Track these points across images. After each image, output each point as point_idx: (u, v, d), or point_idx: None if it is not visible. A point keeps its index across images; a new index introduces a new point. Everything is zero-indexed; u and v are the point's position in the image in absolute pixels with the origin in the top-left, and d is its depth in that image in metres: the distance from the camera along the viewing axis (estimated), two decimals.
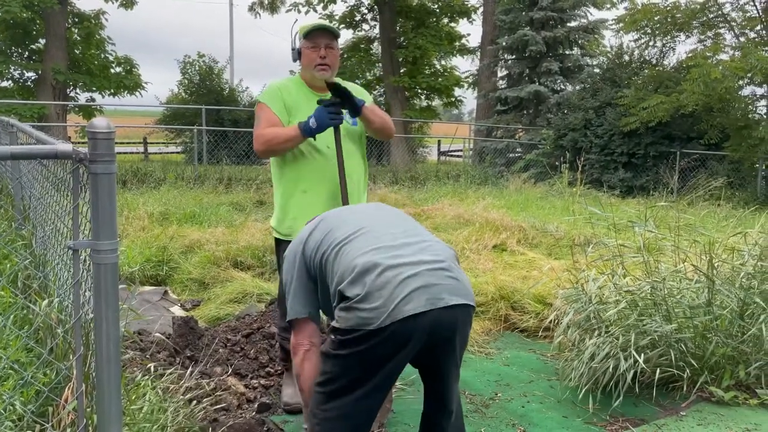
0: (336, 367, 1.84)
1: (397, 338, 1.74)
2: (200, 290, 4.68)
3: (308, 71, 2.75)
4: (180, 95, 18.26)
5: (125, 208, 6.85)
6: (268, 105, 2.75)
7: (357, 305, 1.74)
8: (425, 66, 18.00)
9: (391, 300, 1.72)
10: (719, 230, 4.68)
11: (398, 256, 1.82)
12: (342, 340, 1.78)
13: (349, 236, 1.92)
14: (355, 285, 1.77)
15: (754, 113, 12.35)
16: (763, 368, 3.18)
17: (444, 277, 1.82)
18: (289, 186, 2.76)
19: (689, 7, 12.30)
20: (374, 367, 1.80)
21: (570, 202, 8.33)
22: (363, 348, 1.76)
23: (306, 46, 2.72)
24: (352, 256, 1.84)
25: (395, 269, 1.77)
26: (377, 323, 1.71)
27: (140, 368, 2.73)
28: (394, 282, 1.75)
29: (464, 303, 1.82)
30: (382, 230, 1.94)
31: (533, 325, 4.08)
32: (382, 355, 1.77)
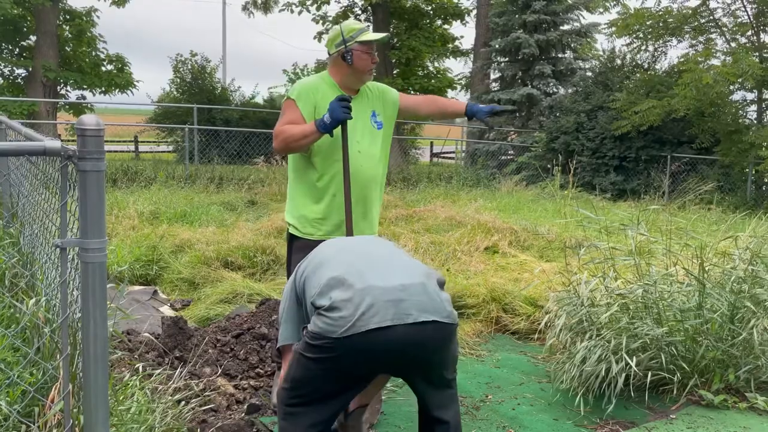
0: (302, 369, 1.89)
1: (359, 351, 1.77)
2: (190, 290, 4.64)
3: (356, 74, 2.75)
4: (172, 94, 18.17)
5: (115, 207, 6.80)
6: (298, 104, 2.71)
7: (324, 313, 1.79)
8: (418, 67, 18.02)
9: (355, 312, 1.75)
10: (710, 234, 4.70)
11: (369, 273, 1.85)
12: (310, 344, 1.83)
13: (327, 257, 2.00)
14: (323, 296, 1.82)
15: (745, 118, 12.45)
16: (752, 372, 3.19)
17: (415, 293, 1.82)
18: (319, 188, 2.73)
19: (681, 12, 12.38)
20: (334, 377, 1.85)
21: (562, 204, 8.35)
22: (326, 356, 1.80)
23: (362, 50, 2.72)
24: (324, 272, 1.91)
25: (363, 283, 1.81)
26: (340, 332, 1.74)
27: (128, 368, 2.71)
28: (361, 295, 1.78)
29: (434, 320, 1.80)
30: (360, 250, 2.02)
31: (524, 328, 4.08)
32: (344, 366, 1.81)
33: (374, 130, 2.80)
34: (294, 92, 2.76)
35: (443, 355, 1.91)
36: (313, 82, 2.82)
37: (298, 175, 2.79)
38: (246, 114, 16.95)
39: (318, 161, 2.71)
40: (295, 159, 2.80)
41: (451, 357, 1.97)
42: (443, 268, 4.87)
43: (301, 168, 2.77)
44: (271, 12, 19.72)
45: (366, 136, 2.75)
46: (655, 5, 12.64)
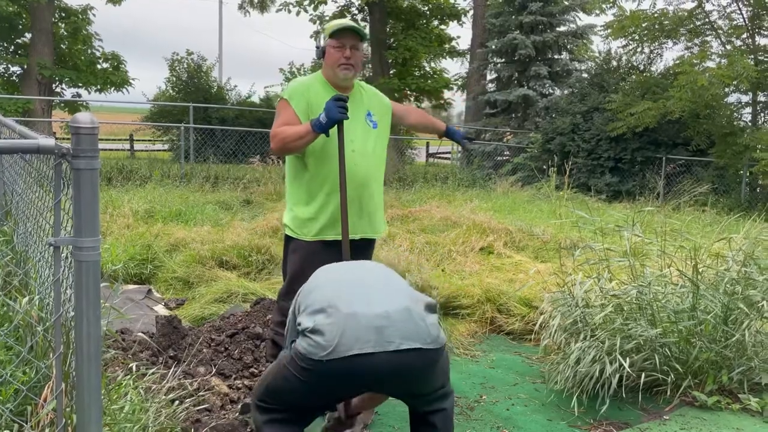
0: (283, 380, 1.91)
1: (339, 375, 1.79)
2: (185, 289, 4.63)
3: (331, 69, 2.74)
4: (167, 93, 18.12)
5: (110, 206, 6.78)
6: (291, 103, 2.72)
7: (308, 335, 1.81)
8: (415, 68, 18.01)
9: (336, 337, 1.76)
10: (704, 236, 4.71)
11: (355, 299, 1.86)
12: (294, 360, 1.85)
13: (319, 283, 2.01)
14: (309, 318, 1.84)
15: (739, 120, 12.51)
16: (745, 373, 3.20)
17: (398, 320, 1.81)
18: (313, 188, 2.73)
19: (677, 14, 12.42)
20: (312, 395, 1.88)
21: (557, 205, 8.37)
22: (307, 376, 1.82)
23: (332, 45, 2.71)
24: (313, 297, 1.92)
25: (348, 309, 1.81)
26: (321, 355, 1.76)
27: (122, 368, 2.70)
28: (344, 320, 1.79)
29: (417, 347, 1.80)
30: (351, 276, 2.05)
31: (519, 328, 4.09)
32: (322, 387, 1.84)
33: (369, 129, 2.80)
34: (286, 92, 2.78)
35: (428, 378, 1.91)
36: (305, 80, 2.84)
37: (293, 175, 2.80)
38: (242, 113, 16.91)
39: (311, 161, 2.71)
40: (290, 160, 2.80)
41: (439, 376, 1.96)
42: (438, 268, 4.87)
43: (296, 169, 2.78)
44: (267, 11, 19.69)
45: (361, 135, 2.75)
46: (651, 7, 12.69)
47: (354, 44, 2.72)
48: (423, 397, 1.97)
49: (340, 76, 2.72)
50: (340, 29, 2.70)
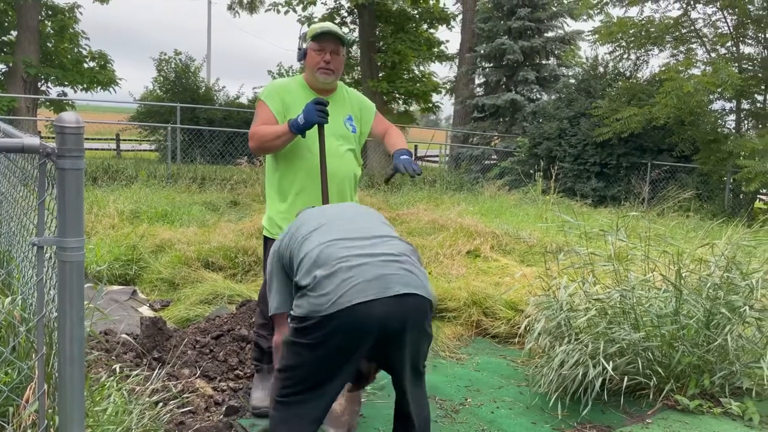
0: (293, 355, 1.90)
1: (347, 326, 1.78)
2: (170, 290, 4.60)
3: (311, 73, 2.76)
4: (155, 92, 18.01)
5: (95, 206, 6.72)
6: (266, 103, 2.75)
7: (309, 293, 1.82)
8: (404, 71, 18.04)
9: (340, 288, 1.77)
10: (688, 241, 4.77)
11: (350, 248, 1.87)
12: (298, 328, 1.85)
13: (310, 232, 2.00)
14: (307, 275, 1.85)
15: (723, 127, 12.67)
16: (727, 378, 3.24)
17: (396, 268, 1.85)
18: (283, 187, 2.75)
19: (663, 21, 12.57)
20: (327, 358, 1.84)
21: (543, 209, 8.42)
22: (316, 337, 1.81)
23: (312, 48, 2.74)
24: (307, 249, 1.92)
25: (345, 260, 1.83)
26: (326, 310, 1.77)
27: (105, 369, 2.68)
28: (343, 270, 1.80)
29: (415, 293, 1.83)
30: (340, 225, 2.01)
31: (504, 331, 4.11)
32: (335, 345, 1.81)
33: (347, 132, 2.81)
34: (263, 93, 2.81)
35: (421, 331, 1.93)
36: (282, 82, 2.87)
37: (268, 176, 2.84)
38: (230, 114, 16.85)
39: (280, 161, 2.75)
40: (267, 160, 2.85)
41: (427, 340, 2.00)
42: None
43: (269, 169, 2.82)
44: (256, 12, 19.67)
45: (336, 137, 2.75)
46: (638, 14, 12.83)
47: (334, 49, 2.73)
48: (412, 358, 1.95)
49: (320, 79, 2.74)
50: (321, 33, 2.71)
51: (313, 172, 2.69)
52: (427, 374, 3.47)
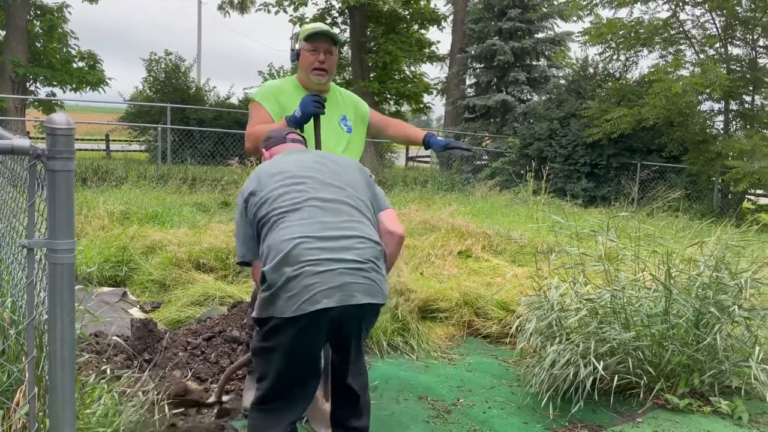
0: (263, 362, 1.99)
1: (309, 329, 1.87)
2: (161, 292, 4.58)
3: (305, 73, 2.77)
4: (145, 93, 17.93)
5: (84, 207, 6.67)
6: (262, 104, 2.75)
7: (276, 292, 1.84)
8: (395, 71, 18.06)
9: (306, 291, 1.82)
10: (677, 241, 4.80)
11: (322, 249, 1.88)
12: (264, 332, 1.94)
13: (284, 211, 1.96)
14: (276, 271, 1.85)
15: (712, 128, 12.77)
16: (716, 376, 3.27)
17: (361, 277, 1.91)
18: None
19: (652, 23, 12.65)
20: (290, 357, 1.93)
21: (534, 210, 8.45)
22: (281, 338, 1.88)
23: (306, 48, 2.74)
24: (280, 239, 1.90)
25: (315, 264, 1.85)
26: (292, 312, 1.82)
27: (96, 371, 2.66)
28: (310, 275, 1.84)
29: (374, 302, 1.95)
30: (318, 213, 1.97)
31: (496, 332, 4.12)
32: (294, 345, 1.89)
33: (343, 132, 2.81)
34: (258, 95, 2.81)
35: (370, 328, 2.16)
36: (276, 83, 2.88)
37: None
38: (220, 114, 16.79)
39: None
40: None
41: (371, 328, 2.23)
42: (417, 271, 4.89)
43: None
44: (247, 12, 19.61)
45: (332, 137, 2.76)
46: (628, 16, 12.91)
47: (328, 49, 2.74)
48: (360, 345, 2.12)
49: (314, 80, 2.74)
50: (314, 33, 2.72)
51: None
52: (420, 375, 3.49)
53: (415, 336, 3.88)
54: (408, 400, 3.14)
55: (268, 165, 2.16)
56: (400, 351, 3.79)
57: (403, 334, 3.87)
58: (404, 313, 3.94)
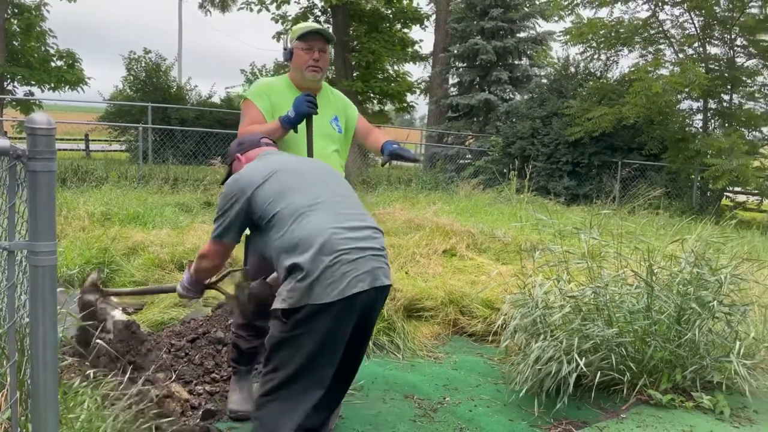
0: (288, 351, 1.99)
1: (345, 312, 1.97)
2: None
3: (299, 72, 2.77)
4: (125, 92, 17.73)
5: (64, 208, 6.58)
6: (254, 102, 2.74)
7: (315, 281, 1.92)
8: (378, 71, 18.04)
9: (344, 278, 1.93)
10: (658, 238, 4.86)
11: (351, 239, 2.01)
12: (296, 321, 1.95)
13: (309, 206, 2.06)
14: (314, 262, 1.93)
15: (691, 127, 12.94)
16: (698, 372, 3.31)
17: (382, 262, 2.08)
18: None
19: (632, 22, 12.79)
20: (325, 343, 1.98)
21: (517, 208, 8.51)
22: (315, 324, 1.94)
23: (300, 47, 2.74)
24: (311, 232, 1.98)
25: (347, 252, 1.97)
26: (332, 298, 1.92)
27: (78, 375, 2.63)
28: (346, 263, 1.95)
29: (389, 284, 2.11)
30: (337, 208, 2.10)
31: (481, 330, 4.14)
32: (331, 329, 1.97)
33: (334, 132, 2.81)
34: (249, 93, 2.80)
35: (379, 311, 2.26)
36: (268, 81, 2.87)
37: None
38: (202, 114, 16.67)
39: None
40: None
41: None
42: (402, 270, 4.89)
43: None
44: (228, 10, 19.48)
45: (323, 137, 2.76)
46: (608, 15, 13.04)
47: (322, 47, 2.75)
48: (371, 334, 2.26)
49: (309, 77, 2.74)
50: (308, 32, 2.72)
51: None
52: (406, 374, 3.50)
53: (401, 335, 3.88)
54: (394, 399, 3.14)
55: (263, 164, 2.24)
56: (386, 350, 3.79)
57: (388, 333, 3.88)
58: (390, 313, 3.95)
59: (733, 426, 3.02)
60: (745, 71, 12.19)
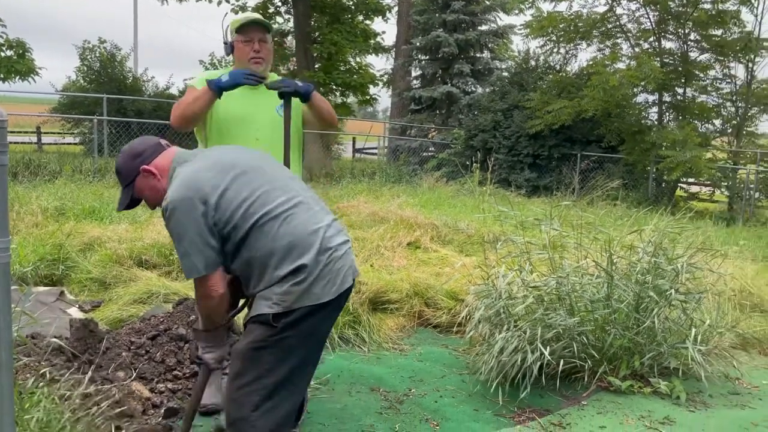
0: (277, 355, 1.88)
1: (336, 308, 1.98)
2: (101, 290, 4.41)
3: (242, 65, 2.71)
4: (78, 83, 17.15)
5: (16, 203, 6.35)
6: (197, 87, 2.68)
7: (314, 282, 1.86)
8: (340, 62, 17.90)
9: (338, 275, 1.92)
10: (616, 228, 4.97)
11: (334, 236, 1.98)
12: (287, 324, 1.85)
13: (287, 208, 1.92)
14: (315, 262, 1.87)
15: (647, 119, 13.27)
16: (656, 358, 3.41)
17: (352, 253, 2.08)
18: None
19: (590, 17, 13.01)
20: (316, 342, 1.98)
21: (480, 200, 8.59)
22: (305, 324, 1.88)
23: (239, 40, 2.69)
24: (303, 232, 1.89)
25: (335, 249, 1.94)
26: (329, 296, 1.89)
27: (33, 374, 2.54)
28: (338, 260, 1.94)
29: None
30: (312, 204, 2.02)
31: (446, 321, 4.17)
32: (321, 327, 1.97)
33: (280, 120, 2.76)
34: (193, 81, 2.75)
35: None
36: (213, 72, 2.83)
37: None
38: (160, 105, 16.26)
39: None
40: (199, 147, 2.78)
41: None
42: (367, 263, 4.89)
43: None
44: (186, 0, 18.98)
45: (268, 125, 2.71)
46: (567, 9, 13.24)
47: (262, 37, 2.70)
48: None
49: (252, 70, 2.68)
50: (245, 23, 2.67)
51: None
52: (371, 366, 3.50)
53: (366, 328, 3.88)
54: (360, 392, 3.14)
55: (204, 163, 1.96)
56: (352, 343, 3.78)
57: (354, 327, 3.87)
58: (355, 306, 3.94)
59: (689, 410, 3.11)
60: (698, 65, 12.55)
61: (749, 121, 12.89)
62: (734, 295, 4.54)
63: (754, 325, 4.20)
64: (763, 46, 12.03)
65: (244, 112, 2.65)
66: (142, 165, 2.03)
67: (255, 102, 2.65)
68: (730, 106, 12.89)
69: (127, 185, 2.08)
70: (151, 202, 2.08)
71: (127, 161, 2.06)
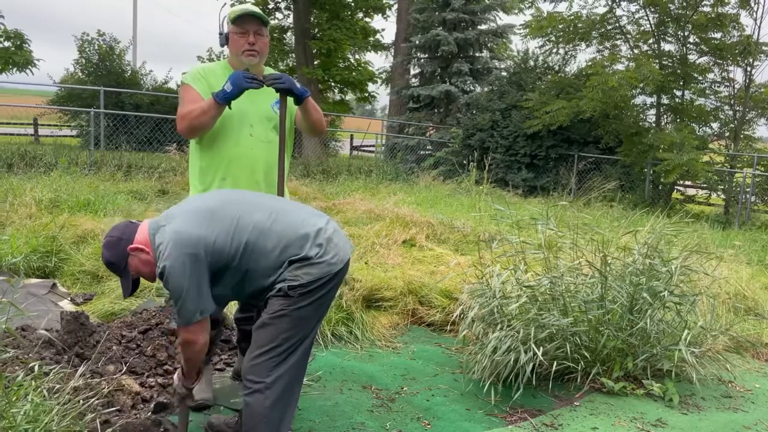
0: (292, 322, 2.08)
1: (341, 277, 2.19)
2: (93, 283, 4.39)
3: (236, 57, 2.69)
4: (76, 75, 17.08)
5: (10, 194, 6.32)
6: (192, 85, 2.66)
7: (320, 259, 2.08)
8: (339, 59, 17.88)
9: (339, 248, 2.15)
10: (612, 229, 4.96)
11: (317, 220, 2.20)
12: (304, 293, 2.07)
13: (269, 218, 2.12)
14: (313, 246, 2.09)
15: (645, 121, 13.26)
16: (649, 360, 3.40)
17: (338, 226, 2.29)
18: (207, 173, 2.67)
19: (590, 18, 12.99)
20: (324, 307, 2.19)
21: (476, 199, 8.57)
22: (323, 292, 2.11)
23: (234, 31, 2.66)
24: (293, 229, 2.11)
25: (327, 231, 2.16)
26: (338, 267, 2.12)
27: (22, 367, 2.52)
28: (334, 237, 2.17)
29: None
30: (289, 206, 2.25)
31: (440, 320, 4.16)
32: (329, 295, 2.17)
33: (274, 116, 2.74)
34: (187, 77, 2.73)
35: None
36: (207, 65, 2.80)
37: (193, 166, 2.76)
38: (157, 99, 16.20)
39: (204, 146, 2.67)
40: (191, 149, 2.77)
41: None
42: (362, 260, 4.87)
43: (193, 154, 2.75)
44: None
45: (263, 121, 2.70)
46: (567, 10, 13.21)
47: (257, 30, 2.67)
48: None
49: (246, 62, 2.67)
50: (241, 15, 2.64)
51: (239, 160, 2.63)
52: (364, 364, 3.48)
53: (360, 325, 3.86)
54: (352, 389, 3.13)
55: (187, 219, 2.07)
56: (345, 341, 3.77)
57: (347, 324, 3.85)
58: (349, 303, 3.92)
59: (681, 413, 3.11)
60: (696, 68, 12.54)
61: (747, 125, 12.90)
62: (728, 299, 4.54)
63: (747, 329, 4.20)
64: (762, 50, 12.03)
65: (238, 108, 2.62)
66: (128, 246, 2.11)
67: (250, 98, 2.63)
68: (728, 110, 12.89)
69: (122, 271, 2.15)
70: (149, 276, 2.15)
71: (113, 250, 2.14)
